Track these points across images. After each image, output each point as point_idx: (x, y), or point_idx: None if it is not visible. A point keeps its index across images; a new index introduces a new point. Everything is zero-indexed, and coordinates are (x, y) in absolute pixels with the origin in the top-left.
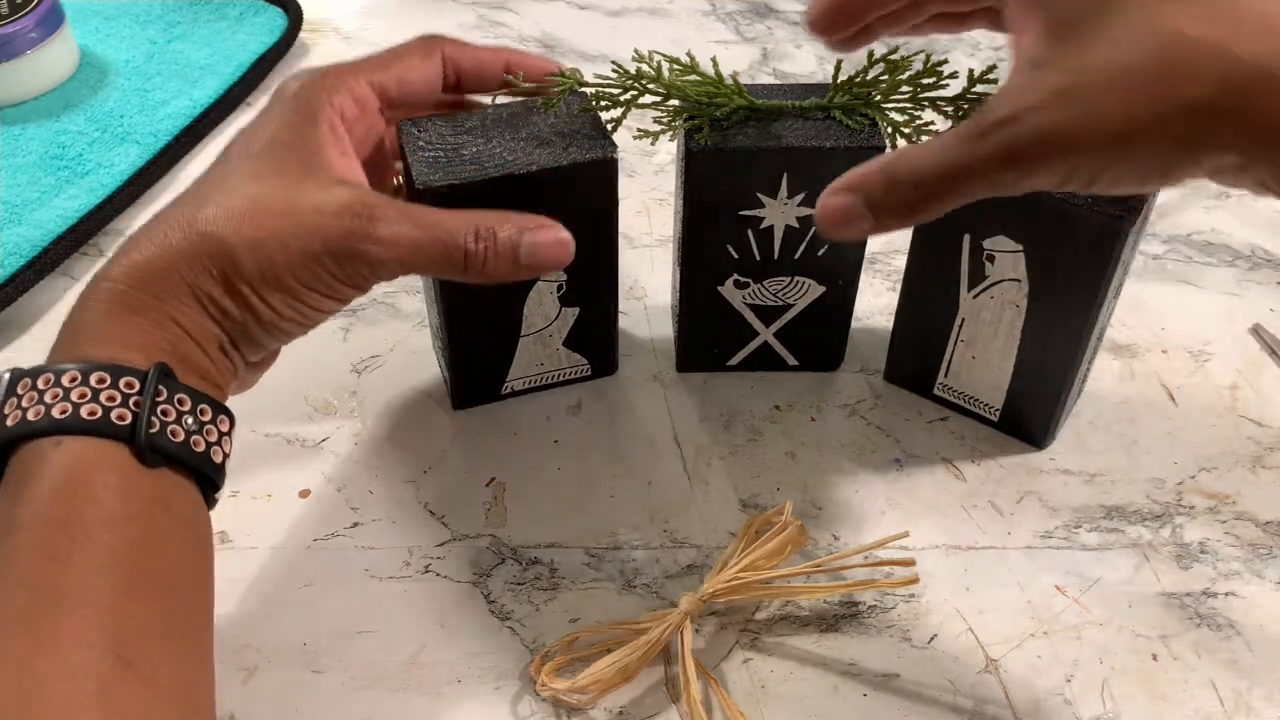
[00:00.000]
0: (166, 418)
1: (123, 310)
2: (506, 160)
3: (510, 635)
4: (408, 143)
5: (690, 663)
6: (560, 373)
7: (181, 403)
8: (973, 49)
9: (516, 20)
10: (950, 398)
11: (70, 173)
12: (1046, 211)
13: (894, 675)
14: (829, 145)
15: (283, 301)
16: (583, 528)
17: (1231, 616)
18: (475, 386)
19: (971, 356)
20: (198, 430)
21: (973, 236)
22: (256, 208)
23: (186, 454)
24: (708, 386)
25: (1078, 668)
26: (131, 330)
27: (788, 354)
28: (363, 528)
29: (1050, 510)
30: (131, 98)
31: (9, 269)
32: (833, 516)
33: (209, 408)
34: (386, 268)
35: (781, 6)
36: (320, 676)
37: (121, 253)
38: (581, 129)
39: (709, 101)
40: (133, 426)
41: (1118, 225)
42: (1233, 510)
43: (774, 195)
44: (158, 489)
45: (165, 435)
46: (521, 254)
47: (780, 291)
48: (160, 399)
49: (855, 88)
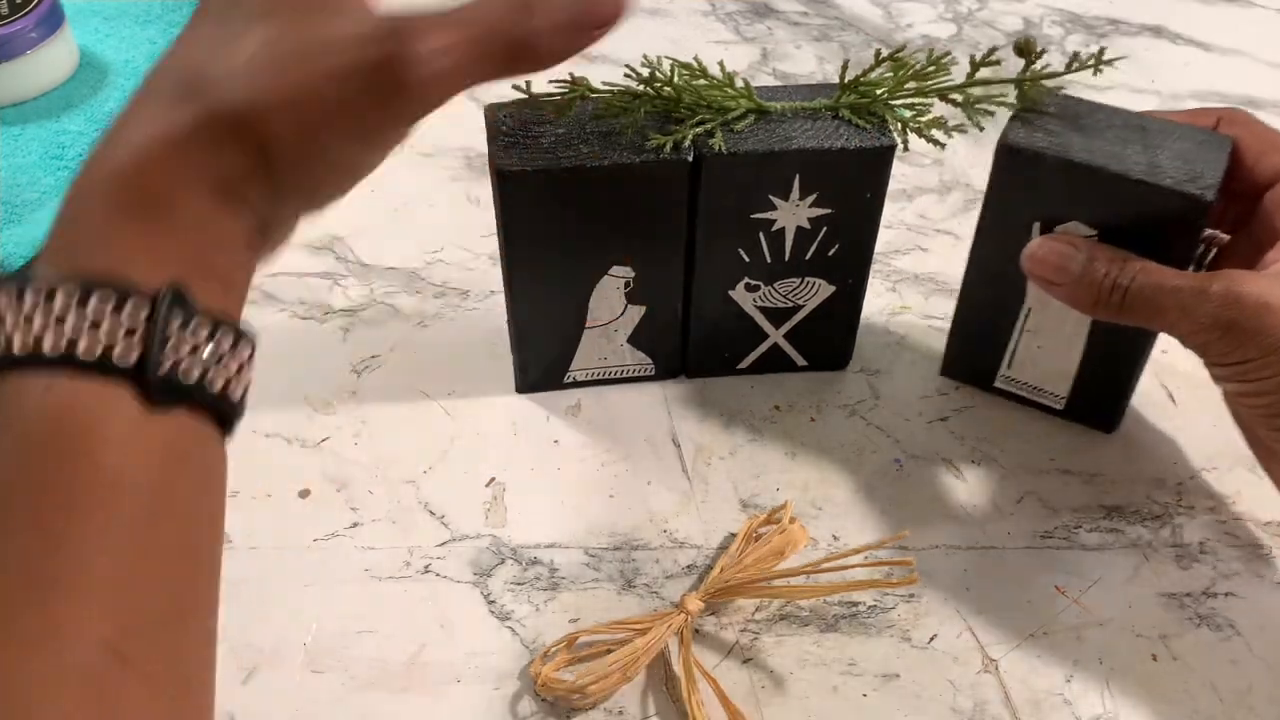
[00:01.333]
0: (180, 351)
1: (128, 206)
2: (582, 152)
3: (510, 635)
4: (491, 125)
5: (690, 663)
6: (624, 369)
7: (198, 332)
8: (972, 49)
9: None
10: (1013, 389)
11: (70, 173)
12: (1126, 191)
13: (894, 675)
14: (840, 146)
15: (323, 165)
16: (583, 528)
17: (1231, 616)
18: (539, 371)
19: (1038, 346)
20: (215, 362)
21: (1044, 224)
22: (275, 55)
23: (202, 394)
24: (707, 386)
25: (1078, 668)
26: (138, 235)
27: (797, 355)
28: (363, 528)
29: (1050, 510)
30: None
31: (9, 269)
32: (833, 516)
33: (230, 333)
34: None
35: (781, 6)
36: (320, 676)
37: (117, 129)
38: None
39: (719, 106)
40: (140, 364)
41: (1201, 201)
42: (1233, 510)
43: (786, 197)
44: (169, 440)
45: (178, 373)
46: (579, 7)
47: (790, 293)
48: (172, 328)
49: (861, 86)
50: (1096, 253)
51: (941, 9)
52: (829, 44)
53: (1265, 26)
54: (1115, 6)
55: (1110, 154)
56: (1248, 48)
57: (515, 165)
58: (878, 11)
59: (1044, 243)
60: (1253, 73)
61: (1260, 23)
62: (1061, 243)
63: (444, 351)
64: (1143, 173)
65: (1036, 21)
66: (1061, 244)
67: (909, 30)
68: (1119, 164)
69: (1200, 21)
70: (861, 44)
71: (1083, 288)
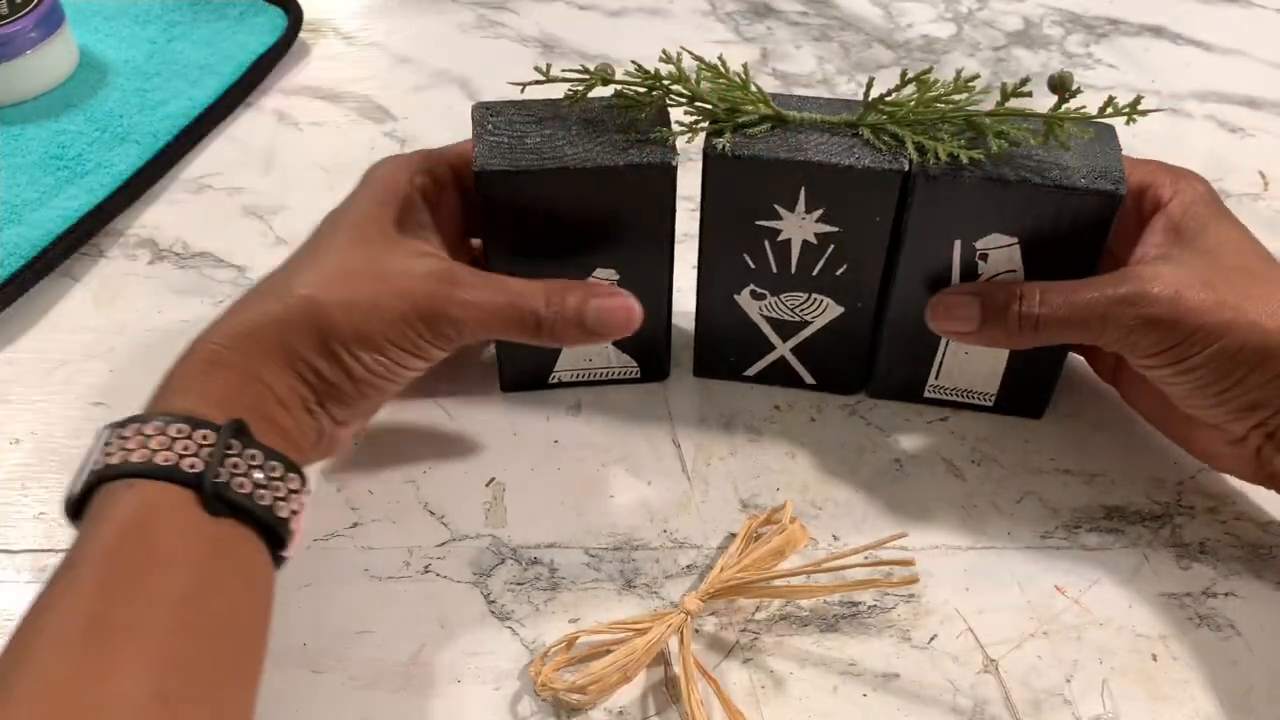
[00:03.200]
0: (236, 470)
1: (212, 368)
2: (566, 154)
3: (510, 635)
4: (477, 124)
5: (690, 663)
6: (609, 371)
7: (254, 458)
8: (972, 49)
9: (516, 20)
10: (942, 396)
11: (70, 173)
12: (1043, 199)
13: (894, 675)
14: (848, 163)
15: (374, 360)
16: (583, 528)
17: (1231, 616)
18: (521, 371)
19: (964, 353)
20: (266, 485)
21: (964, 240)
22: (348, 273)
23: (252, 506)
24: (708, 387)
25: (1078, 668)
26: (216, 386)
27: (805, 372)
28: (363, 528)
29: (1050, 510)
30: (131, 98)
31: (9, 269)
32: (833, 516)
33: (280, 465)
34: (469, 329)
35: (781, 6)
36: (320, 676)
37: (221, 317)
38: (649, 133)
39: (734, 107)
40: (200, 475)
41: (1115, 196)
42: (1233, 510)
43: (791, 209)
44: (220, 537)
45: (231, 487)
46: (588, 320)
47: (797, 307)
48: (231, 451)
49: (885, 105)
50: (996, 292)
51: (941, 9)
52: (829, 44)
53: (1265, 26)
54: (1115, 6)
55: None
56: (1248, 48)
57: (495, 165)
58: (878, 11)
59: (940, 298)
60: (1253, 73)
61: (1260, 23)
62: (956, 294)
63: None
64: (1056, 178)
65: (1037, 21)
66: (956, 296)
67: (909, 30)
68: (1033, 174)
69: (1200, 21)
70: (862, 44)
71: (994, 329)
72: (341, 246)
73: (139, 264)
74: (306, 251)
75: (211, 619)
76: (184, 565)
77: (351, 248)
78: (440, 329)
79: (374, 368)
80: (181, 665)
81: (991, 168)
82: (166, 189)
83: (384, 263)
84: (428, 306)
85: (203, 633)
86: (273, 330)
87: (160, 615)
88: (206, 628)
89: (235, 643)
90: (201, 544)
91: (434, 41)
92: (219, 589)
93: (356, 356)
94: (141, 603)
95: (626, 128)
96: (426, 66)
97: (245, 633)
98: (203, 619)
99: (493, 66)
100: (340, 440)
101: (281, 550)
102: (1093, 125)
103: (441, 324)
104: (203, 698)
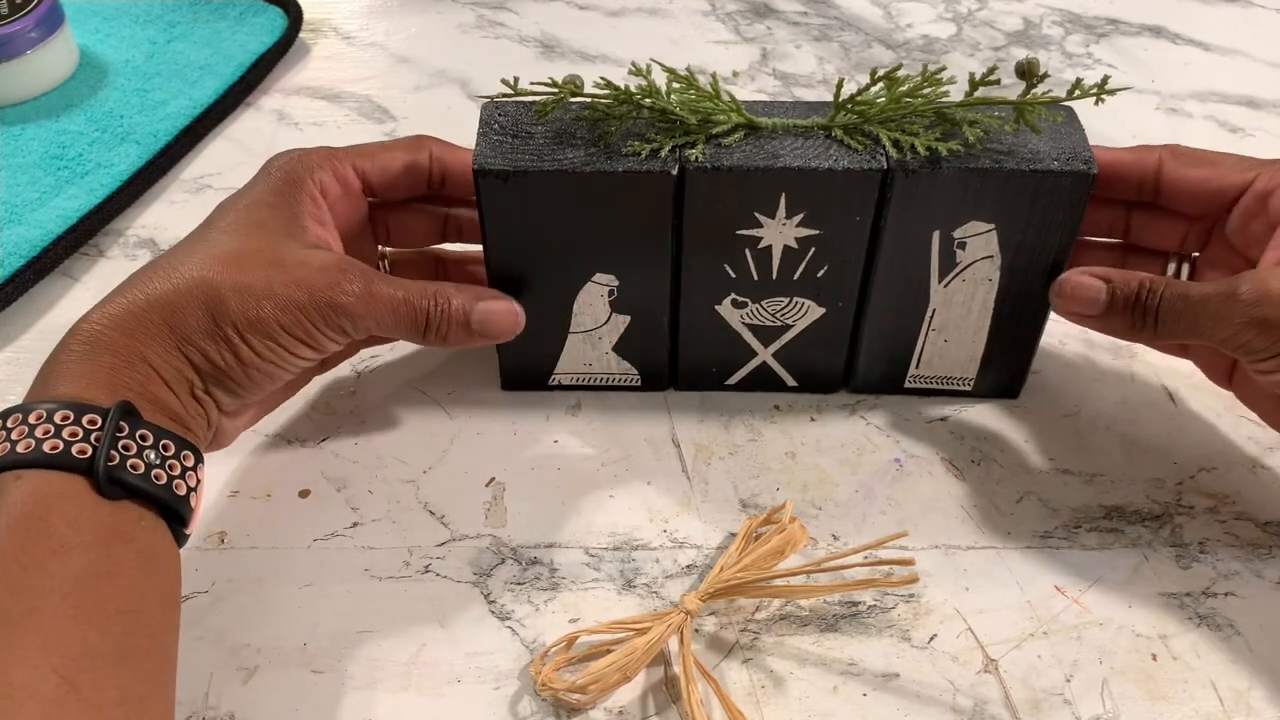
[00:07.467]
0: (127, 452)
1: (95, 350)
2: (567, 156)
3: (510, 635)
4: (483, 122)
5: (690, 663)
6: (609, 377)
7: (144, 438)
8: (972, 49)
9: (516, 20)
10: (922, 384)
11: (70, 173)
12: (1019, 182)
13: (894, 675)
14: (827, 166)
15: (265, 346)
16: (583, 528)
17: (1231, 616)
18: (521, 370)
19: (944, 341)
20: (159, 464)
21: (942, 230)
22: (243, 257)
23: (148, 486)
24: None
25: (1078, 668)
26: (100, 369)
27: (786, 375)
28: (363, 528)
29: (1050, 510)
30: (131, 98)
31: (9, 269)
32: (833, 516)
33: (172, 443)
34: (363, 323)
35: (781, 6)
36: (320, 676)
37: (104, 299)
38: (653, 139)
39: (706, 118)
40: (91, 460)
41: (1089, 175)
42: (1233, 510)
43: (772, 215)
44: (116, 520)
45: (125, 468)
46: (473, 321)
47: (779, 312)
48: (121, 434)
49: (856, 105)
50: (1121, 280)
51: (941, 9)
52: (829, 44)
53: (1265, 26)
54: (1115, 6)
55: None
56: (1248, 48)
57: (493, 164)
58: (878, 11)
59: (1069, 279)
60: (1253, 73)
61: (1260, 23)
62: (1085, 275)
63: (444, 352)
64: (1030, 163)
65: (1036, 21)
66: (1085, 277)
67: (909, 30)
68: (1009, 160)
69: (1200, 21)
70: (861, 44)
71: (1118, 317)
72: (237, 231)
73: (139, 263)
74: (198, 235)
75: (112, 600)
76: (79, 550)
77: (247, 233)
78: (334, 320)
79: (265, 354)
80: (83, 648)
81: (968, 157)
82: (166, 189)
83: (281, 251)
84: (325, 297)
85: (103, 614)
86: (159, 310)
87: (56, 601)
88: (107, 609)
89: (139, 621)
90: (97, 528)
91: (434, 41)
92: (117, 571)
93: (247, 341)
94: (37, 590)
95: (633, 132)
96: (426, 66)
97: (149, 612)
98: (102, 601)
99: (492, 67)
100: (228, 433)
101: (184, 527)
102: (1062, 108)
103: (337, 315)
104: (109, 678)
